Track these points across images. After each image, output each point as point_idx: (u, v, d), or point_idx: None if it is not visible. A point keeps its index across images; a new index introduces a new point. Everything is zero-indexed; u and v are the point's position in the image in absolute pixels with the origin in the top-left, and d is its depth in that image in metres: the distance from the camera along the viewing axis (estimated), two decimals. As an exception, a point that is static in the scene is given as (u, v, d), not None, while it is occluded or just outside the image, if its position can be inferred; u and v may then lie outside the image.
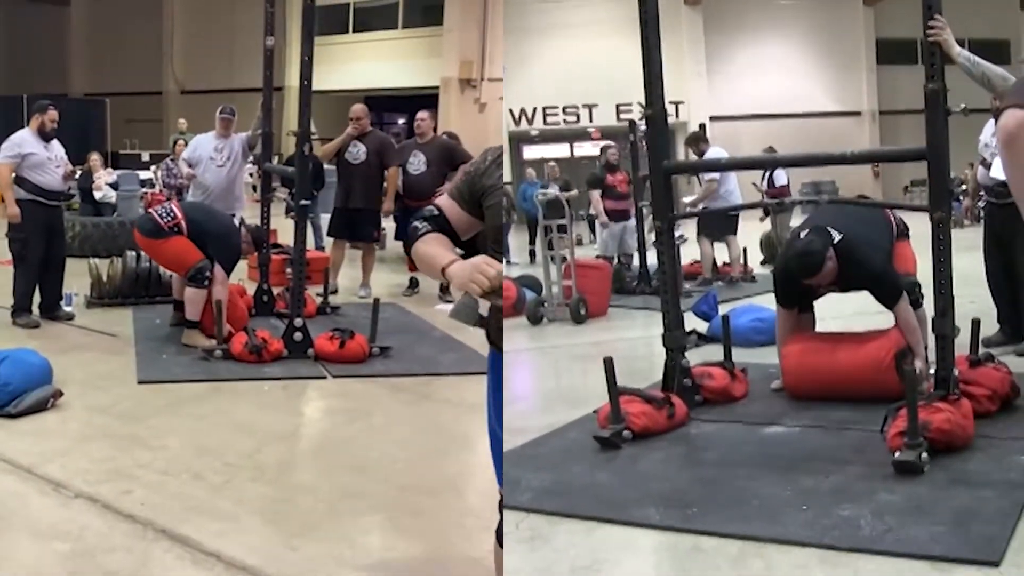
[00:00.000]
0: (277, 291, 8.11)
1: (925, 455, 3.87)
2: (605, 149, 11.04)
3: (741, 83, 29.81)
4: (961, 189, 17.72)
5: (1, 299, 7.75)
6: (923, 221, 4.51)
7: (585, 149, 29.51)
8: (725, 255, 10.65)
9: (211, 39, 29.00)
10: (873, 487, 3.73)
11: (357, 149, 9.02)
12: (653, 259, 6.30)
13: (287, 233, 8.69)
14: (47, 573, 3.38)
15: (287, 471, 4.61)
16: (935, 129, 4.34)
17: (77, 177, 10.63)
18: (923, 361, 4.83)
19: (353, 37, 27.22)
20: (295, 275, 6.73)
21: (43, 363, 5.49)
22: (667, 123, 5.27)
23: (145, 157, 22.23)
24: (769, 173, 12.02)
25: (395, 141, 10.03)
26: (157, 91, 30.03)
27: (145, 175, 16.29)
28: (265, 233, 7.90)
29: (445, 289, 8.73)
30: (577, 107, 29.04)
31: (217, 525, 3.75)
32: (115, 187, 13.31)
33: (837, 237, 4.97)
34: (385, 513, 4.02)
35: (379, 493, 4.22)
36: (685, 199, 11.34)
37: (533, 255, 14.62)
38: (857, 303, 5.47)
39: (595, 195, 10.75)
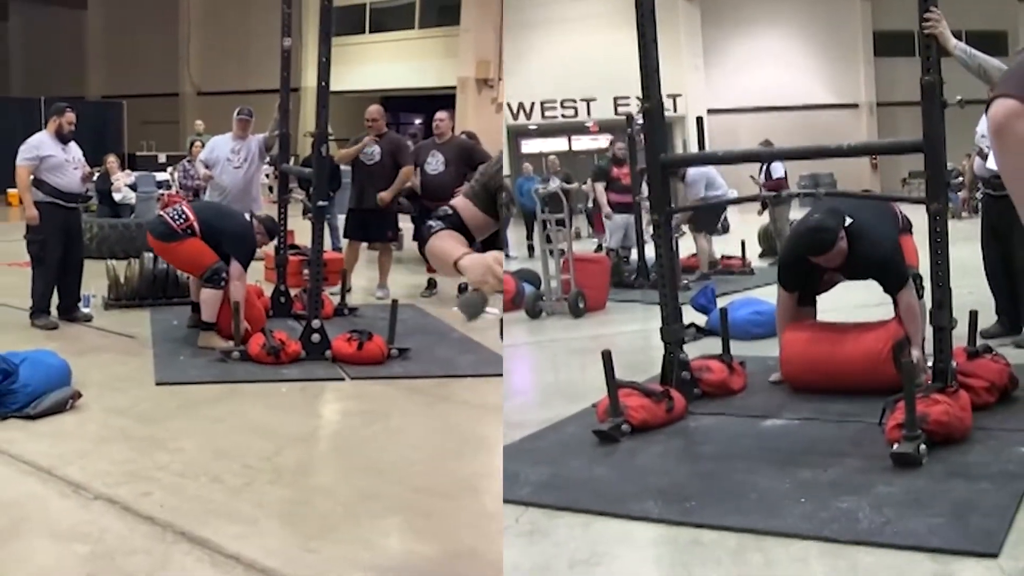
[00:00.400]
0: (294, 292, 8.10)
1: (923, 447, 3.88)
2: (613, 143, 11.17)
3: (738, 76, 29.84)
4: (958, 181, 17.74)
5: (20, 300, 7.76)
6: (921, 213, 4.51)
7: (583, 143, 29.55)
8: (724, 248, 10.68)
9: (226, 41, 28.96)
10: (871, 479, 3.74)
11: (372, 149, 9.00)
12: (651, 252, 6.30)
13: (304, 234, 8.74)
14: (67, 575, 3.38)
15: (305, 473, 4.60)
16: (931, 121, 4.34)
17: (95, 179, 10.64)
18: (920, 351, 4.84)
19: (369, 38, 27.16)
20: (313, 276, 6.70)
21: (62, 365, 5.48)
22: (664, 116, 5.27)
23: (162, 159, 22.24)
24: (766, 166, 12.04)
25: (412, 142, 9.99)
26: (173, 93, 30.02)
27: (162, 177, 16.30)
28: (277, 224, 7.85)
29: (463, 290, 8.72)
30: (575, 101, 29.02)
31: (236, 527, 3.73)
32: (134, 188, 13.33)
33: (849, 220, 5.02)
34: (403, 515, 4.01)
35: (397, 495, 4.19)
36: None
37: (531, 249, 14.64)
38: (859, 296, 5.47)
39: (599, 187, 10.81)
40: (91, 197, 10.99)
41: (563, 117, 29.34)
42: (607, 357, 4.52)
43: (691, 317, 6.85)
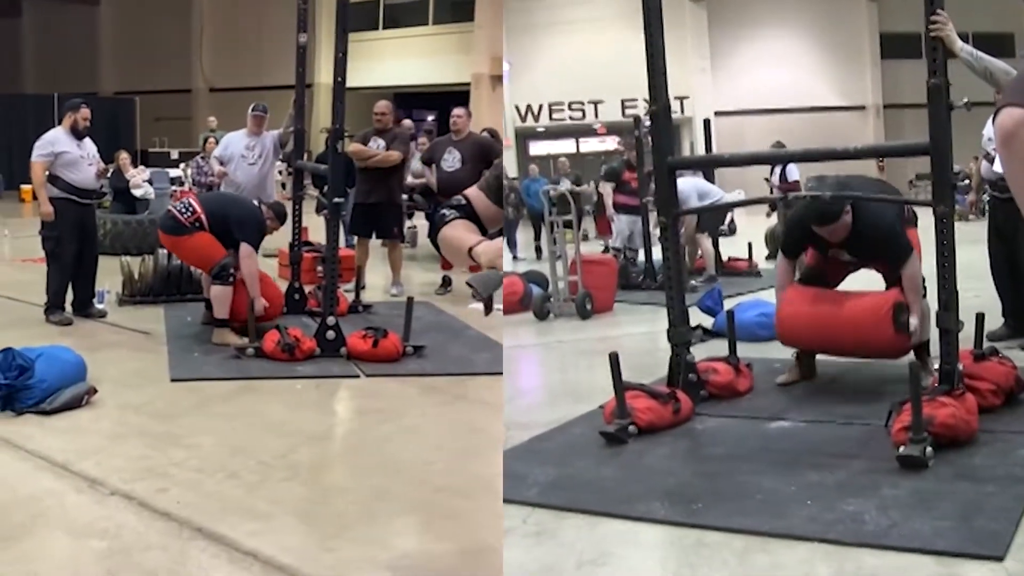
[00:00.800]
0: (308, 289, 8.10)
1: (929, 450, 3.88)
2: (628, 147, 11.23)
3: (745, 78, 29.80)
4: (965, 183, 17.71)
5: (35, 296, 7.80)
6: (928, 215, 4.52)
7: (591, 145, 29.55)
8: (730, 249, 10.69)
9: (239, 37, 28.92)
10: (877, 482, 3.74)
11: (377, 144, 9.00)
12: (658, 254, 6.30)
13: (318, 231, 8.72)
14: (84, 571, 3.38)
15: (321, 471, 4.61)
16: (937, 124, 4.35)
17: (109, 175, 10.67)
18: (918, 319, 4.88)
19: (383, 34, 27.13)
20: (328, 273, 6.70)
21: (77, 360, 5.50)
22: (671, 118, 5.28)
23: (174, 155, 22.21)
24: (781, 168, 12.03)
25: (427, 138, 9.91)
26: (186, 89, 29.96)
27: (175, 173, 16.34)
28: (286, 209, 7.84)
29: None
30: (583, 103, 29.03)
31: (252, 524, 3.74)
32: (150, 183, 13.42)
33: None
34: (419, 514, 4.01)
35: (413, 494, 4.19)
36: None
37: (539, 251, 14.64)
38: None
39: (607, 188, 10.84)
40: (106, 193, 11.03)
41: (571, 119, 29.36)
42: (614, 359, 4.53)
43: (698, 319, 6.87)
